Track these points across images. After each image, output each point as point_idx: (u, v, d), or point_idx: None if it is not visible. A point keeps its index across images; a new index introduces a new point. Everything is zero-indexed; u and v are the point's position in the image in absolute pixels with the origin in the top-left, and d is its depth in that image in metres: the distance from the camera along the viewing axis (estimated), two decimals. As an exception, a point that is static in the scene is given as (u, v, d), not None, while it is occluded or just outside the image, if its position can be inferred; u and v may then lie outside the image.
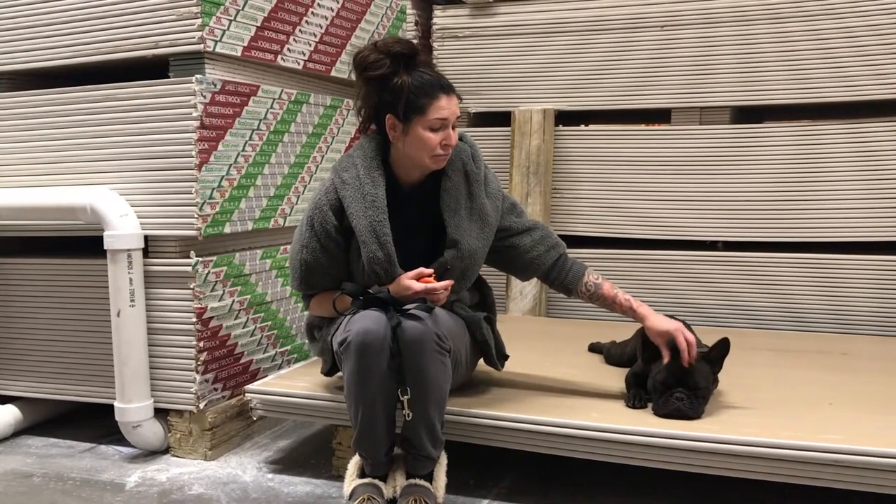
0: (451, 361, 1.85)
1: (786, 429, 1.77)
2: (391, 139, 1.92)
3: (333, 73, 2.82)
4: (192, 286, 2.23)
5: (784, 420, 1.84)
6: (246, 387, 2.23)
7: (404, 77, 1.85)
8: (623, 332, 2.45)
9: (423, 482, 1.85)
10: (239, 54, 2.35)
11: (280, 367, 2.62)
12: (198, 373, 2.26)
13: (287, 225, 2.60)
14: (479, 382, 2.16)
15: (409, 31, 3.33)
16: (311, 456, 2.32)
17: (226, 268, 2.35)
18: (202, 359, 2.27)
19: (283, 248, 2.59)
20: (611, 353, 2.41)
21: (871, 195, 2.75)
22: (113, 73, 2.35)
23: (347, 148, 2.86)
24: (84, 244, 2.41)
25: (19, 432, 2.52)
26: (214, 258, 2.30)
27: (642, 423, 1.83)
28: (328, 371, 2.12)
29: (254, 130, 2.41)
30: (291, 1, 2.55)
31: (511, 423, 1.91)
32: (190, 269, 2.23)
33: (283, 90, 2.52)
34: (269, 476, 2.18)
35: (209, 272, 2.28)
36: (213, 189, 2.25)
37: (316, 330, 2.08)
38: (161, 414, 2.32)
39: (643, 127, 3.13)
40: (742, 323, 2.92)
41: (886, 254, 2.76)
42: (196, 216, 2.20)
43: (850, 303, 2.80)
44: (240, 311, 2.42)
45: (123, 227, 2.20)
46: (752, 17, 2.87)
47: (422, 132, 1.86)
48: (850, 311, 2.80)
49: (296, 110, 2.60)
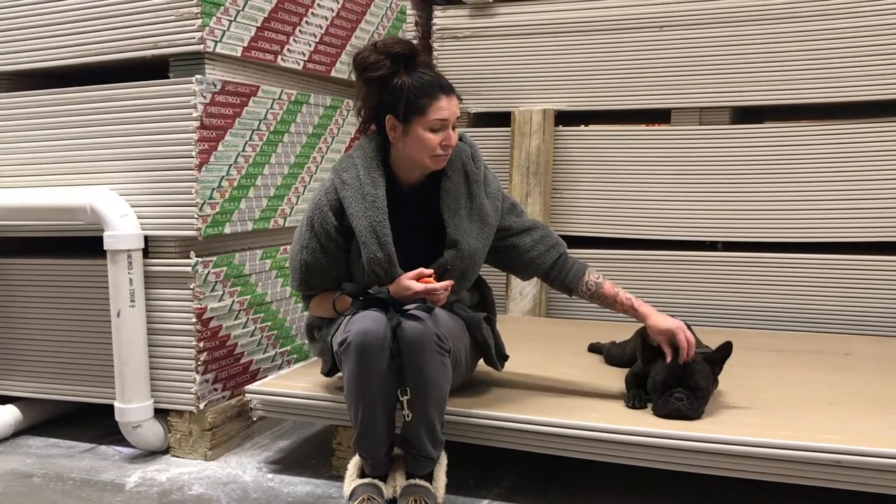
0: (451, 362, 1.85)
1: (785, 429, 1.77)
2: (391, 140, 1.92)
3: (333, 74, 2.82)
4: (192, 286, 2.23)
5: (783, 420, 1.84)
6: (246, 387, 2.23)
7: (404, 78, 1.85)
8: (623, 332, 2.45)
9: (423, 482, 1.85)
10: (239, 55, 2.35)
11: (280, 367, 2.62)
12: (198, 373, 2.27)
13: (287, 225, 2.60)
14: (479, 382, 2.16)
15: (409, 32, 3.33)
16: (311, 456, 2.32)
17: (226, 268, 2.35)
18: (202, 359, 2.27)
19: (283, 248, 2.59)
20: (611, 354, 2.41)
21: (871, 195, 2.75)
22: (113, 74, 2.35)
23: (347, 148, 2.86)
24: (84, 244, 2.41)
25: (19, 432, 2.52)
26: (214, 258, 2.31)
27: (642, 424, 1.84)
28: (328, 371, 2.12)
29: (254, 131, 2.41)
30: (291, 1, 2.55)
31: (511, 424, 1.92)
32: (190, 269, 2.23)
33: (283, 90, 2.52)
34: (269, 476, 2.18)
35: (209, 272, 2.28)
36: (213, 189, 2.25)
37: (316, 330, 2.08)
38: (161, 414, 2.32)
39: (643, 127, 3.13)
40: (742, 323, 2.92)
41: (886, 254, 2.76)
42: (196, 216, 2.20)
43: (849, 303, 2.80)
44: (240, 311, 2.42)
45: (123, 227, 2.20)
46: (751, 18, 2.87)
47: (422, 133, 1.86)
48: (850, 311, 2.80)
49: (296, 111, 2.60)
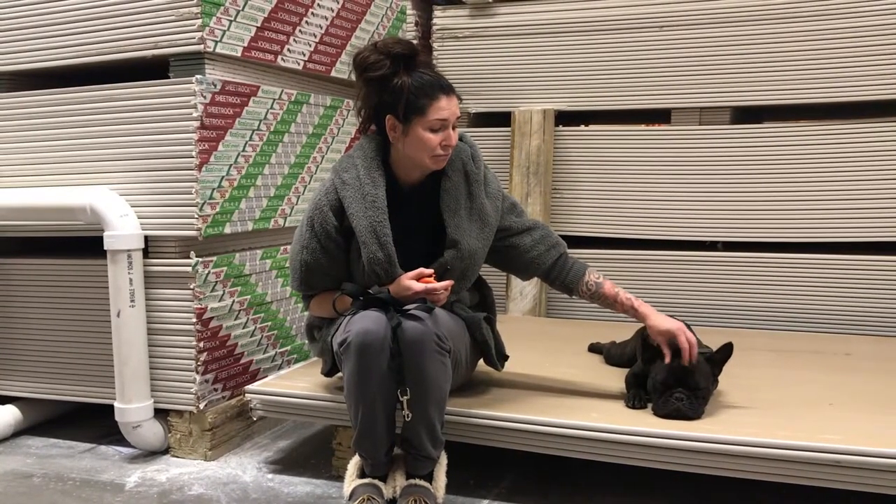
0: (451, 362, 1.85)
1: (784, 429, 1.77)
2: (391, 140, 1.92)
3: (333, 74, 2.82)
4: (192, 286, 2.24)
5: (783, 420, 1.84)
6: (246, 387, 2.23)
7: (404, 78, 1.85)
8: (623, 332, 2.45)
9: (422, 482, 1.85)
10: (239, 55, 2.35)
11: (280, 367, 2.62)
12: (198, 373, 2.27)
13: (287, 225, 2.60)
14: (479, 382, 2.16)
15: (409, 32, 3.33)
16: (311, 456, 2.32)
17: (226, 268, 2.35)
18: (202, 359, 2.27)
19: (283, 248, 2.59)
20: (611, 354, 2.41)
21: (871, 195, 2.75)
22: (113, 74, 2.35)
23: (347, 148, 2.86)
24: (84, 244, 2.41)
25: (19, 432, 2.52)
26: (214, 258, 2.31)
27: (642, 424, 1.84)
28: (328, 372, 2.12)
29: (254, 131, 2.41)
30: (291, 1, 2.55)
31: (511, 424, 1.92)
32: (190, 269, 2.23)
33: (283, 90, 2.52)
34: (269, 476, 2.18)
35: (209, 272, 2.28)
36: (214, 189, 2.26)
37: (316, 330, 2.08)
38: (161, 414, 2.32)
39: (643, 127, 3.12)
40: (741, 323, 2.93)
41: (886, 254, 2.76)
42: (196, 216, 2.20)
43: (849, 303, 2.80)
44: (240, 311, 2.42)
45: (123, 227, 2.20)
46: (751, 18, 2.87)
47: (422, 133, 1.86)
48: (850, 311, 2.80)
49: (296, 111, 2.60)
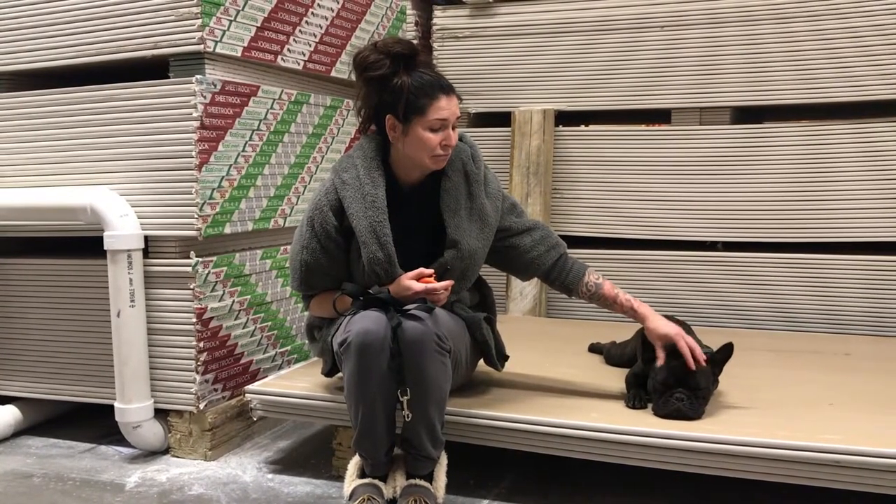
0: (452, 362, 1.85)
1: (785, 429, 1.77)
2: (391, 139, 1.92)
3: (333, 74, 2.82)
4: (192, 286, 2.23)
5: (783, 420, 1.84)
6: (246, 387, 2.23)
7: (404, 77, 1.85)
8: (623, 332, 2.45)
9: (423, 482, 1.85)
10: (239, 55, 2.35)
11: (280, 367, 2.62)
12: (198, 373, 2.27)
13: (287, 225, 2.60)
14: (479, 383, 2.16)
15: (410, 32, 3.33)
16: (312, 456, 2.32)
17: (226, 268, 2.35)
18: (202, 359, 2.27)
19: (283, 248, 2.59)
20: (611, 354, 2.41)
21: (871, 195, 2.75)
22: (114, 74, 2.35)
23: (347, 148, 2.86)
24: (84, 244, 2.41)
25: (19, 433, 2.52)
26: (214, 258, 2.31)
27: (642, 424, 1.84)
28: (328, 372, 2.12)
29: (254, 131, 2.41)
30: (291, 1, 2.55)
31: (511, 424, 1.92)
32: (190, 269, 2.23)
33: (283, 90, 2.52)
34: (269, 476, 2.18)
35: (209, 272, 2.28)
36: (214, 189, 2.26)
37: (316, 330, 2.08)
38: (161, 414, 2.32)
39: (643, 127, 3.12)
40: (741, 323, 2.92)
41: (886, 254, 2.76)
42: (196, 216, 2.20)
43: (849, 303, 2.79)
44: (240, 311, 2.42)
45: (123, 227, 2.20)
46: (751, 18, 2.87)
47: (422, 132, 1.86)
48: (849, 311, 2.80)
49: (296, 111, 2.60)
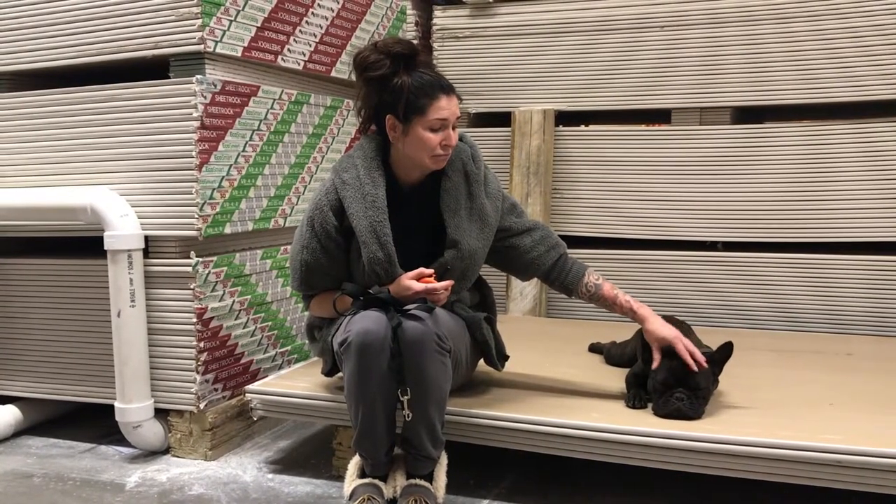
0: (452, 362, 1.85)
1: (785, 429, 1.77)
2: (391, 139, 1.92)
3: (333, 74, 2.82)
4: (192, 286, 2.23)
5: (784, 420, 1.84)
6: (246, 387, 2.23)
7: (404, 77, 1.85)
8: (623, 332, 2.45)
9: (423, 482, 1.85)
10: (239, 55, 2.35)
11: (280, 367, 2.62)
12: (198, 373, 2.27)
13: (287, 225, 2.60)
14: (479, 382, 2.16)
15: (410, 32, 3.33)
16: (312, 456, 2.32)
17: (226, 268, 2.35)
18: (202, 359, 2.27)
19: (283, 248, 2.59)
20: (611, 354, 2.41)
21: (872, 195, 2.75)
22: (114, 74, 2.35)
23: (347, 148, 2.86)
24: (84, 244, 2.41)
25: (19, 432, 2.52)
26: (215, 258, 2.31)
27: (642, 424, 1.83)
28: (328, 372, 2.12)
29: (254, 131, 2.41)
30: (291, 1, 2.55)
31: (511, 424, 1.92)
32: (190, 269, 2.23)
33: (283, 90, 2.52)
34: (270, 476, 2.18)
35: (209, 272, 2.28)
36: (214, 189, 2.26)
37: (316, 330, 2.08)
38: (161, 414, 2.32)
39: (643, 127, 3.12)
40: (742, 323, 2.92)
41: (886, 254, 2.76)
42: (196, 216, 2.20)
43: (850, 303, 2.79)
44: (240, 311, 2.42)
45: (124, 227, 2.20)
46: (752, 18, 2.87)
47: (422, 132, 1.86)
48: (850, 311, 2.79)
49: (296, 111, 2.60)
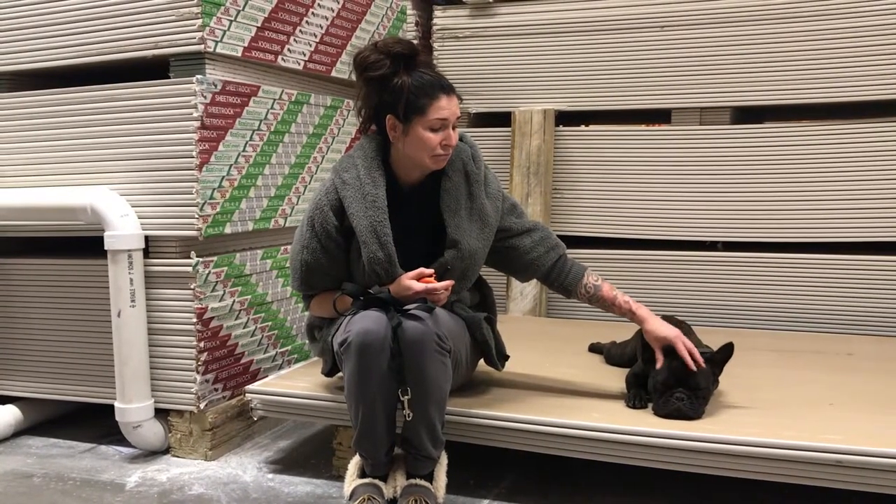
0: (452, 362, 1.85)
1: (786, 429, 1.77)
2: (391, 139, 1.92)
3: (334, 74, 2.82)
4: (192, 286, 2.23)
5: (784, 420, 1.84)
6: (246, 387, 2.23)
7: (404, 77, 1.85)
8: (623, 332, 2.45)
9: (423, 482, 1.85)
10: (239, 55, 2.35)
11: (280, 367, 2.62)
12: (198, 373, 2.27)
13: (288, 225, 2.60)
14: (479, 382, 2.16)
15: (410, 32, 3.33)
16: (312, 456, 2.32)
17: (226, 268, 2.35)
18: (202, 359, 2.27)
19: (283, 248, 2.59)
20: (611, 354, 2.41)
21: (871, 195, 2.75)
22: (114, 74, 2.35)
23: (348, 148, 2.86)
24: (84, 244, 2.41)
25: (20, 432, 2.52)
26: (215, 258, 2.31)
27: (642, 424, 1.84)
28: (328, 372, 2.12)
29: (254, 131, 2.41)
30: (292, 1, 2.55)
31: (511, 423, 1.92)
32: (190, 269, 2.23)
33: (283, 90, 2.52)
34: (270, 476, 2.18)
35: (210, 272, 2.28)
36: (214, 189, 2.26)
37: (316, 330, 2.08)
38: (161, 414, 2.32)
39: (643, 127, 3.12)
40: (742, 323, 2.92)
41: (886, 254, 2.76)
42: (196, 216, 2.20)
43: (850, 303, 2.79)
44: (240, 311, 2.42)
45: (124, 227, 2.20)
46: (752, 18, 2.87)
47: (422, 132, 1.86)
48: (851, 311, 2.80)
49: (296, 111, 2.60)
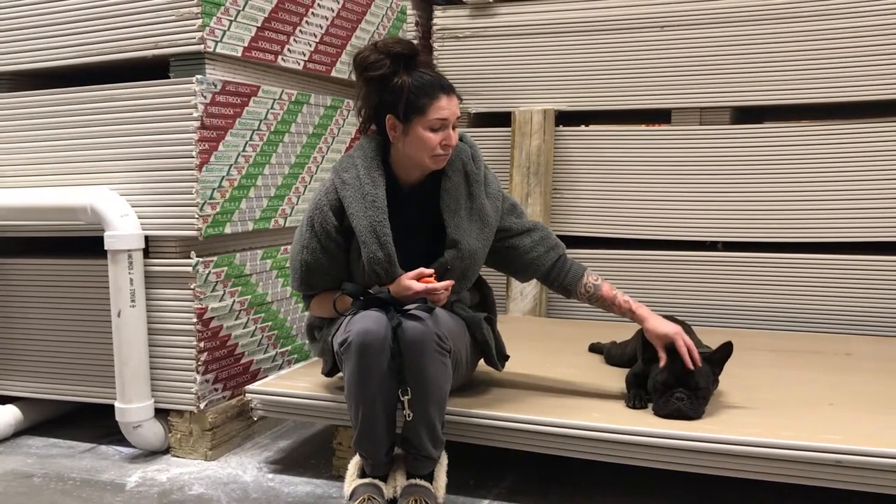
0: (452, 362, 1.85)
1: (785, 429, 1.77)
2: (391, 139, 1.92)
3: (334, 74, 2.82)
4: (192, 286, 2.24)
5: (784, 420, 1.84)
6: (246, 387, 2.23)
7: (404, 77, 1.85)
8: (623, 332, 2.45)
9: (423, 482, 1.85)
10: (239, 55, 2.35)
11: (280, 367, 2.62)
12: (198, 373, 2.27)
13: (287, 225, 2.60)
14: (479, 382, 2.16)
15: (410, 32, 3.33)
16: (312, 456, 2.32)
17: (226, 268, 2.35)
18: (202, 359, 2.27)
19: (283, 248, 2.59)
20: (611, 354, 2.41)
21: (871, 195, 2.75)
22: (114, 74, 2.35)
23: (348, 148, 2.86)
24: (84, 244, 2.41)
25: (20, 432, 2.52)
26: (215, 258, 2.31)
27: (642, 424, 1.84)
28: (329, 372, 2.12)
29: (254, 131, 2.41)
30: (292, 1, 2.55)
31: (511, 423, 1.92)
32: (190, 269, 2.23)
33: (283, 90, 2.52)
34: (270, 476, 2.18)
35: (210, 272, 2.28)
36: (214, 189, 2.26)
37: (316, 330, 2.08)
38: (161, 414, 2.32)
39: (643, 127, 3.12)
40: (741, 323, 2.92)
41: (886, 254, 2.76)
42: (196, 216, 2.20)
43: (849, 303, 2.79)
44: (240, 311, 2.42)
45: (124, 227, 2.20)
46: (752, 18, 2.87)
47: (422, 132, 1.86)
48: (850, 311, 2.80)
49: (296, 111, 2.60)
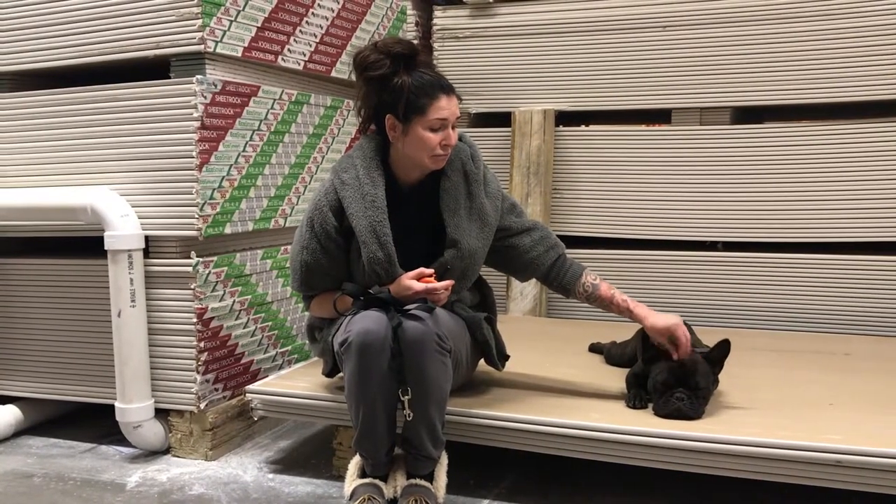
0: (452, 362, 1.85)
1: (785, 429, 1.77)
2: (391, 139, 1.92)
3: (334, 74, 2.82)
4: (192, 286, 2.24)
5: (784, 420, 1.84)
6: (246, 387, 2.23)
7: (404, 77, 1.85)
8: (623, 332, 2.45)
9: (423, 482, 1.85)
10: (239, 55, 2.35)
11: (280, 367, 2.62)
12: (198, 373, 2.27)
13: (287, 225, 2.60)
14: (480, 382, 2.16)
15: (410, 32, 3.33)
16: (312, 456, 2.32)
17: (226, 268, 2.35)
18: (203, 359, 2.27)
19: (283, 248, 2.60)
20: (611, 354, 2.41)
21: (872, 195, 2.75)
22: (115, 74, 2.35)
23: (347, 148, 2.86)
24: (85, 244, 2.41)
25: (20, 432, 2.52)
26: (215, 258, 2.31)
27: (642, 424, 1.84)
28: (329, 372, 2.12)
29: (254, 131, 2.41)
30: (292, 1, 2.55)
31: (511, 423, 1.92)
32: (191, 269, 2.23)
33: (283, 91, 2.52)
34: (270, 476, 2.18)
35: (210, 272, 2.28)
36: (214, 189, 2.26)
37: (317, 331, 2.08)
38: (162, 414, 2.32)
39: (643, 127, 3.13)
40: (742, 323, 2.92)
41: (886, 254, 2.76)
42: (197, 216, 2.20)
43: (849, 303, 2.79)
44: (240, 311, 2.42)
45: (124, 227, 2.20)
46: (753, 18, 2.88)
47: (422, 132, 1.86)
48: (850, 311, 2.80)
49: (296, 111, 2.60)
